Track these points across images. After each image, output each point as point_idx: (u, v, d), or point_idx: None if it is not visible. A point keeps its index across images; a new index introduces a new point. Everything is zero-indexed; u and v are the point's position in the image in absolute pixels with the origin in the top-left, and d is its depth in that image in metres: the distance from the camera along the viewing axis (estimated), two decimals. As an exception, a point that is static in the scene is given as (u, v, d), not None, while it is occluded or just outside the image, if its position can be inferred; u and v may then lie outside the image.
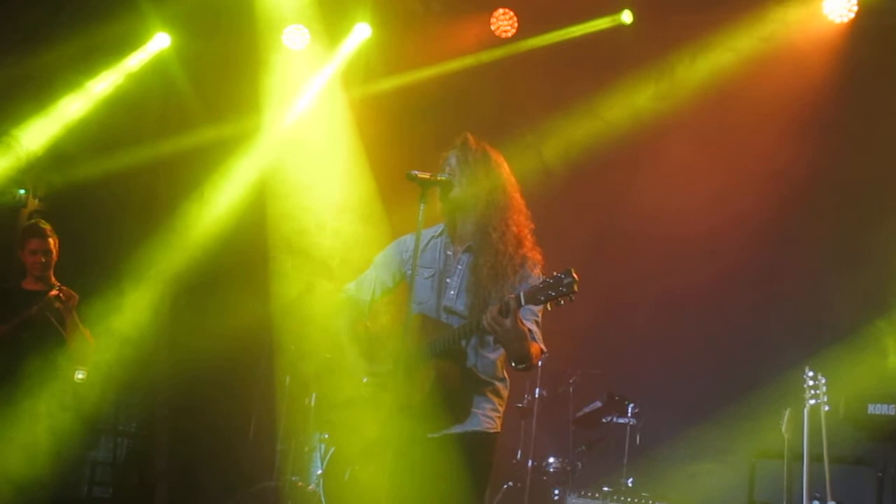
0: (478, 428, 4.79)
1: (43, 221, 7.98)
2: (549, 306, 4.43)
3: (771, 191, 9.08)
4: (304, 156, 9.78)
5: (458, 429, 4.76)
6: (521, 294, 4.45)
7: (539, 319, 4.81)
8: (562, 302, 4.38)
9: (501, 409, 4.90)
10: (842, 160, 9.00)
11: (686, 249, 9.24)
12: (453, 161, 4.91)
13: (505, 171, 4.97)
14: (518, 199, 4.96)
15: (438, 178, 4.83)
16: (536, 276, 4.80)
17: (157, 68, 9.88)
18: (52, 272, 7.87)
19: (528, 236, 4.92)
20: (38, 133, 9.33)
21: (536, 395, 9.07)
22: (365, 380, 4.97)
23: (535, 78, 9.89)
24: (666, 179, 9.32)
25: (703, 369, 9.21)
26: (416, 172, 4.75)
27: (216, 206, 9.72)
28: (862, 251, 8.76)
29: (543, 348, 4.78)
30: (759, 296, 9.15)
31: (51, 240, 7.84)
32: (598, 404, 9.08)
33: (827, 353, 8.27)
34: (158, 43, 9.89)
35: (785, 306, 9.05)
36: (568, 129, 9.62)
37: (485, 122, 8.28)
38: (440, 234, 5.04)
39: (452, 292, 4.89)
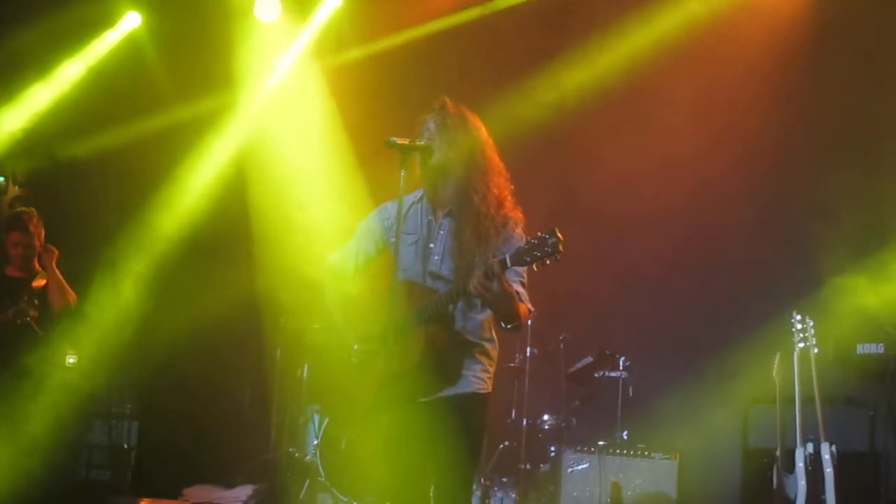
0: (468, 390, 4.79)
1: (29, 211, 7.93)
2: (535, 267, 4.39)
3: (752, 142, 9.08)
4: (282, 128, 9.72)
5: (449, 392, 4.76)
6: (507, 256, 4.43)
7: (524, 280, 4.81)
8: (547, 262, 4.35)
9: (492, 370, 4.91)
10: (816, 109, 9.00)
11: (670, 203, 9.24)
12: (432, 126, 4.88)
13: (483, 134, 4.95)
14: (497, 161, 4.94)
15: (418, 143, 4.80)
16: (519, 235, 4.80)
17: (129, 47, 9.77)
18: (35, 261, 7.86)
19: (509, 197, 4.90)
20: (13, 119, 9.26)
21: (528, 355, 9.08)
22: (356, 347, 4.96)
23: (510, 38, 9.84)
24: (648, 135, 9.32)
25: (691, 319, 9.24)
26: (395, 139, 4.72)
27: (197, 182, 9.67)
28: (842, 195, 8.77)
29: (531, 307, 4.80)
30: (745, 244, 9.16)
31: (34, 231, 7.82)
32: (590, 360, 9.11)
33: (814, 296, 8.31)
34: (129, 22, 9.79)
35: (770, 253, 9.06)
36: (544, 87, 9.59)
37: (461, 84, 8.24)
38: (420, 200, 5.02)
39: (437, 257, 4.88)
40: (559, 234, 4.31)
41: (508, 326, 4.70)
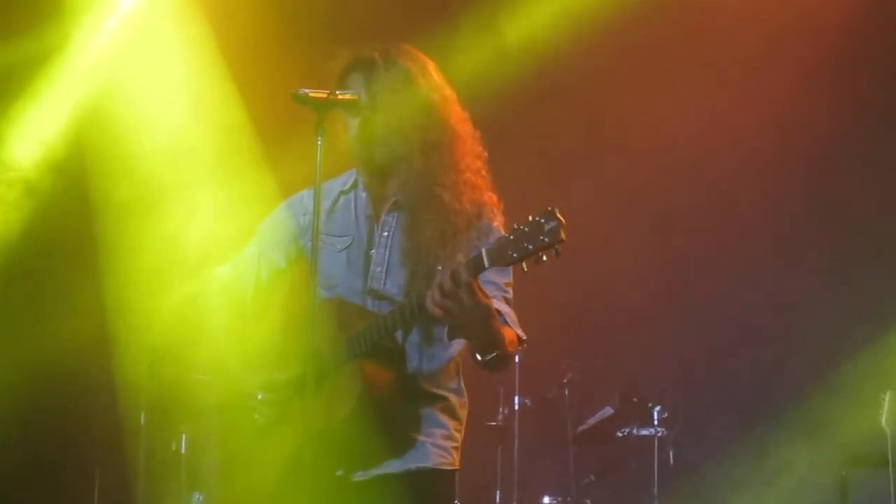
0: (426, 464, 4.80)
1: None
2: (524, 266, 4.32)
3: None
4: (138, 80, 9.71)
5: (396, 466, 4.78)
6: (484, 252, 4.36)
7: (510, 296, 4.82)
8: (544, 258, 4.26)
9: (459, 436, 4.93)
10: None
11: (720, 185, 9.37)
12: (367, 75, 4.89)
13: (447, 93, 4.98)
14: (466, 128, 4.98)
15: (340, 96, 4.80)
16: (498, 226, 4.84)
17: None
18: None
19: (482, 177, 4.94)
20: None
21: (516, 407, 9.12)
22: (259, 397, 4.97)
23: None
24: (682, 115, 9.45)
25: (755, 350, 9.33)
26: (307, 91, 4.71)
27: (16, 160, 9.65)
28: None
29: (521, 335, 4.77)
30: (830, 244, 9.29)
31: None
32: (609, 411, 9.18)
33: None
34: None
35: (866, 258, 9.19)
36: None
37: (398, 14, 8.29)
38: (351, 188, 5.07)
39: (379, 269, 4.91)
40: (560, 216, 4.22)
41: (488, 357, 4.62)
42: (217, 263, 5.26)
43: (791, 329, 9.26)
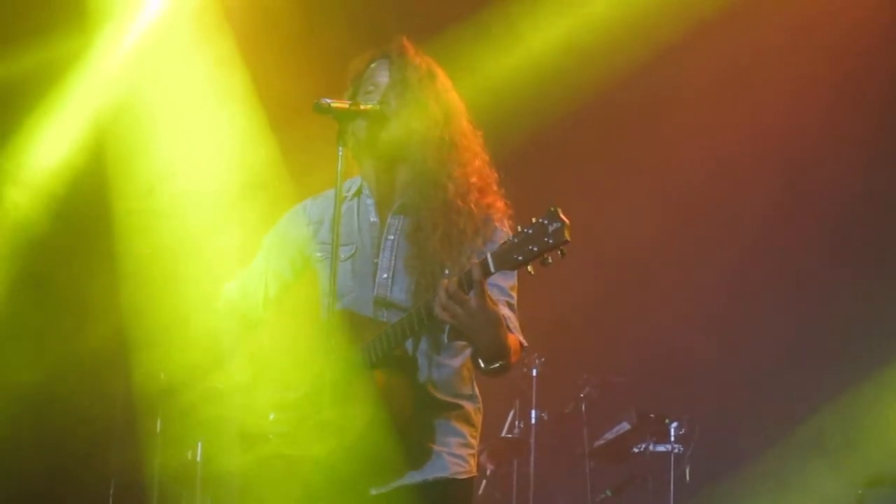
0: (443, 474, 4.82)
1: None
2: (530, 269, 4.35)
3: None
4: (160, 89, 9.70)
5: (414, 477, 4.79)
6: (489, 255, 4.40)
7: (514, 301, 4.84)
8: (549, 260, 4.31)
9: (475, 443, 4.94)
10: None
11: (750, 197, 9.35)
12: (383, 79, 4.93)
13: (456, 97, 5.01)
14: (475, 139, 5.00)
15: (362, 106, 4.85)
16: (506, 231, 4.84)
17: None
18: None
19: (493, 185, 4.96)
20: None
21: (533, 421, 9.10)
22: (272, 416, 4.97)
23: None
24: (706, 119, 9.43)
25: (776, 365, 9.29)
26: (329, 101, 4.77)
27: (35, 168, 9.64)
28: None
29: (523, 341, 4.80)
30: (844, 271, 9.26)
31: None
32: (626, 426, 9.16)
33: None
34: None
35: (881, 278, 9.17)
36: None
37: (416, 22, 8.27)
38: (356, 195, 5.08)
39: (385, 275, 4.91)
40: (563, 217, 4.27)
41: (493, 366, 4.67)
42: (228, 279, 5.23)
43: (810, 347, 9.21)
